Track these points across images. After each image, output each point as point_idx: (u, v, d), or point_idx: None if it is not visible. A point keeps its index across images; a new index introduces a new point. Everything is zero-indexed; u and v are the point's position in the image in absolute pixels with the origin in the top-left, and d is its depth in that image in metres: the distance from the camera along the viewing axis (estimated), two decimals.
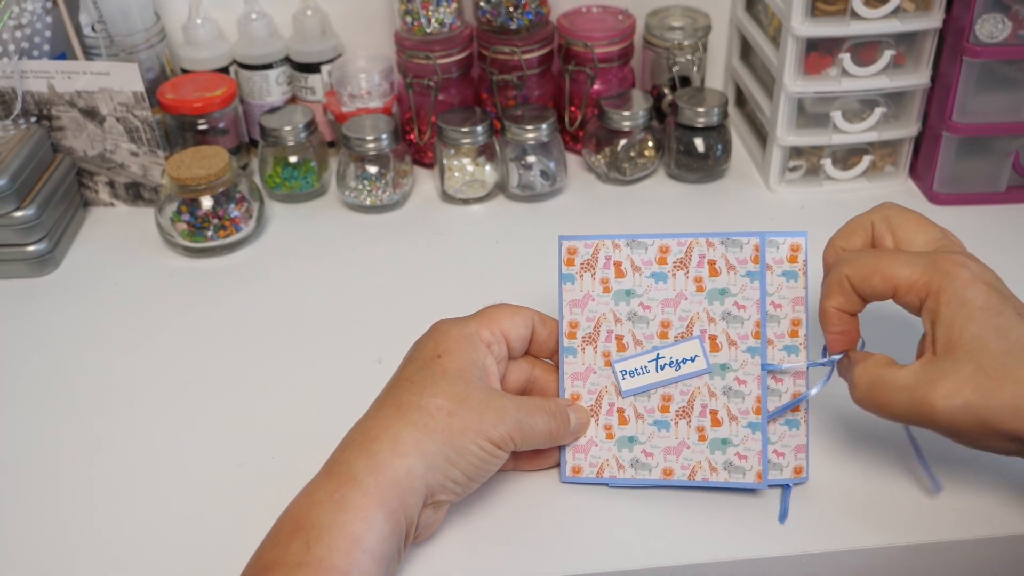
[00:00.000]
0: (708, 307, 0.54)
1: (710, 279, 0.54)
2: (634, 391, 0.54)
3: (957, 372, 0.45)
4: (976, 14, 0.73)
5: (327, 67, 0.89)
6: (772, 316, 0.54)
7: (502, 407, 0.50)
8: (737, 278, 0.54)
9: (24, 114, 0.81)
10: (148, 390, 0.65)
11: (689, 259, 0.54)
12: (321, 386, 0.65)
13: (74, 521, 0.55)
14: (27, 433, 0.62)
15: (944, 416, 0.45)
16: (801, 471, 0.54)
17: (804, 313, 0.54)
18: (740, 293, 0.54)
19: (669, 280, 0.54)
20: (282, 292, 0.75)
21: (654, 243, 0.54)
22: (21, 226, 0.75)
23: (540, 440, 0.52)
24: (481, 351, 0.53)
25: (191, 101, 0.83)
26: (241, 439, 0.61)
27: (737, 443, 0.54)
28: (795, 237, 0.54)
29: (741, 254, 0.54)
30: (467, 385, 0.50)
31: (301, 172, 0.85)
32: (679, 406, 0.54)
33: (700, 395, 0.54)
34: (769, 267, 0.54)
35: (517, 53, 0.85)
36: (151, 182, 0.85)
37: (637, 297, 0.54)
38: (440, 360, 0.51)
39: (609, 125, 0.84)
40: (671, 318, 0.54)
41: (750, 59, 0.92)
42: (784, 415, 0.54)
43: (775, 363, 0.54)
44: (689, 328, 0.54)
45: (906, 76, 0.79)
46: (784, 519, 0.53)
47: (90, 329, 0.72)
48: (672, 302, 0.54)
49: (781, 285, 0.54)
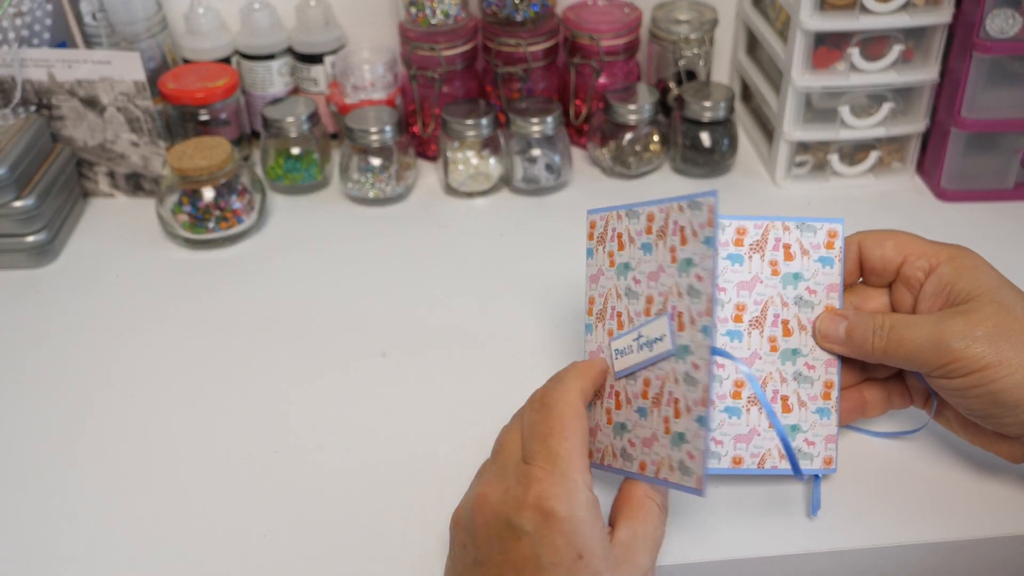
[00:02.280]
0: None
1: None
2: (625, 372, 0.51)
3: (981, 310, 0.48)
4: (986, 9, 0.72)
5: (330, 58, 0.88)
6: (807, 302, 0.53)
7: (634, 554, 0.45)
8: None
9: (24, 103, 0.80)
10: (149, 382, 0.65)
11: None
12: (324, 379, 0.64)
13: (75, 513, 0.55)
14: (27, 425, 0.61)
15: (960, 348, 0.47)
16: (831, 462, 0.53)
17: (838, 300, 0.53)
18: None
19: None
20: (284, 285, 0.74)
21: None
22: (20, 216, 0.75)
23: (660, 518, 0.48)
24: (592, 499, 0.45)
25: (193, 91, 0.83)
26: (243, 432, 0.60)
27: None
28: (832, 223, 0.54)
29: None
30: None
31: (303, 164, 0.84)
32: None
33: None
34: (806, 252, 0.53)
35: (522, 45, 0.84)
36: (152, 173, 0.84)
37: (631, 271, 0.52)
38: (583, 561, 0.42)
39: (614, 119, 0.84)
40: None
41: (757, 53, 0.91)
42: (817, 403, 0.53)
43: (808, 350, 0.53)
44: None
45: (915, 71, 0.78)
46: (817, 511, 0.52)
47: (90, 321, 0.71)
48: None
49: (817, 271, 0.53)
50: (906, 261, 0.52)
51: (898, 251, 0.52)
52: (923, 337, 0.48)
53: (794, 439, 0.53)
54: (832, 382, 0.53)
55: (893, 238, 0.53)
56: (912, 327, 0.49)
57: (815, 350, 0.53)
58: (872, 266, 0.53)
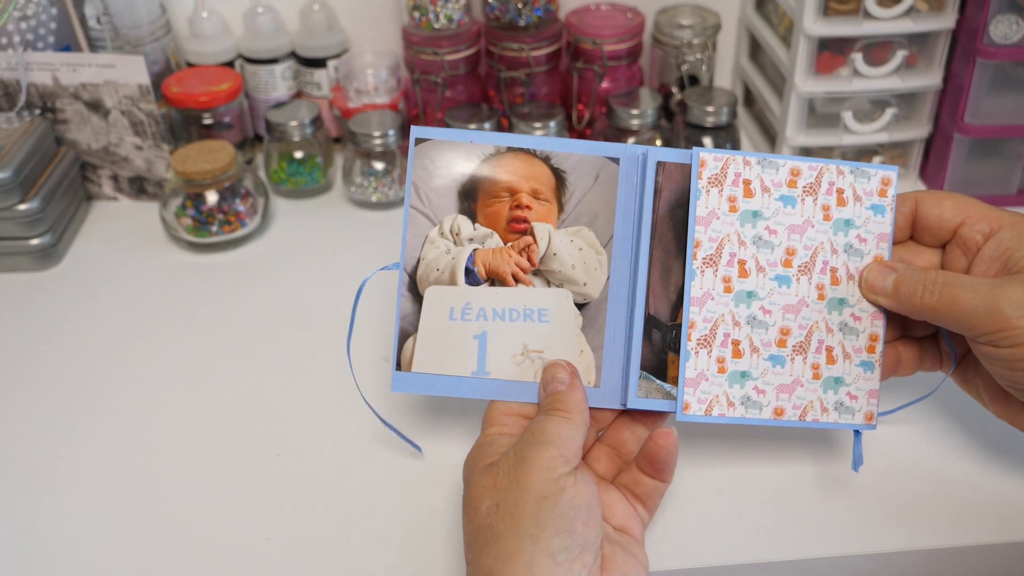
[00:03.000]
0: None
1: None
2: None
3: None
4: (990, 15, 0.73)
5: (333, 62, 0.88)
6: (856, 250, 0.52)
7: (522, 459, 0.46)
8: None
9: (28, 106, 0.80)
10: (152, 385, 0.65)
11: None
12: (327, 382, 0.64)
13: (77, 517, 0.55)
14: (30, 427, 0.61)
15: (1015, 317, 0.45)
16: (872, 418, 0.52)
17: (887, 251, 0.52)
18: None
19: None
20: (287, 288, 0.74)
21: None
22: (24, 219, 0.75)
23: (574, 413, 0.48)
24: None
25: (196, 95, 0.83)
26: (246, 436, 0.60)
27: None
28: (887, 170, 0.53)
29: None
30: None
31: (306, 168, 0.84)
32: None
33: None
34: (859, 199, 0.53)
35: (525, 50, 0.85)
36: (155, 176, 0.84)
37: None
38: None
39: (617, 123, 0.84)
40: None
41: (759, 58, 0.91)
42: (861, 355, 0.52)
43: (855, 301, 0.52)
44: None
45: (918, 77, 0.78)
46: (859, 466, 0.52)
47: (93, 324, 0.71)
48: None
49: (868, 219, 0.53)
50: (965, 223, 0.51)
51: (957, 212, 0.51)
52: (977, 300, 0.46)
53: (837, 392, 0.52)
54: (877, 335, 0.52)
55: (952, 198, 0.52)
56: (966, 288, 0.47)
57: (862, 301, 0.52)
58: (928, 224, 0.52)
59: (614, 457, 0.52)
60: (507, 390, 0.51)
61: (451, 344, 0.52)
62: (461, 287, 0.53)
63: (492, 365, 0.52)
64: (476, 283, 0.53)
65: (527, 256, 0.54)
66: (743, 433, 0.59)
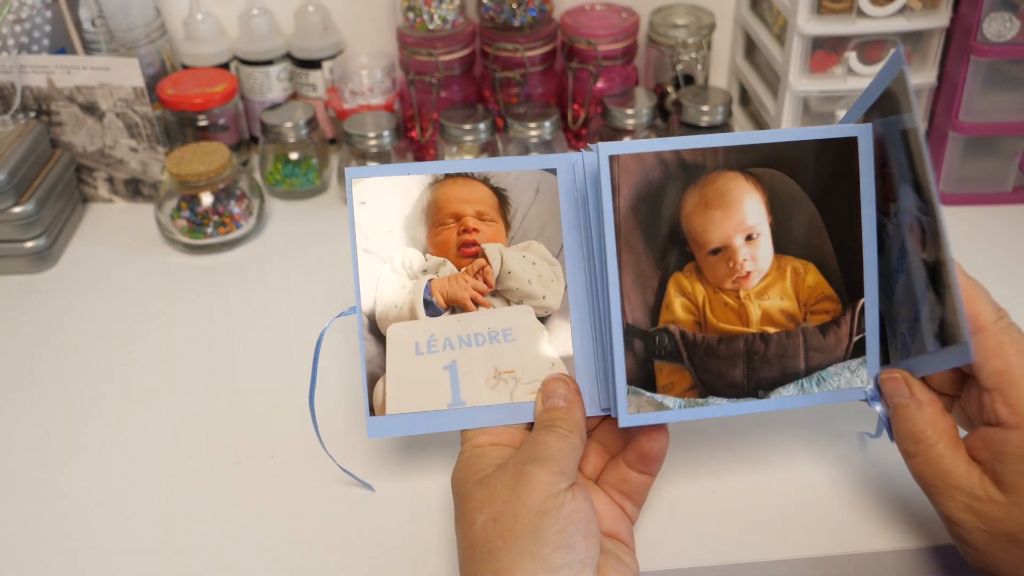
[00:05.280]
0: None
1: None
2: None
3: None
4: (983, 13, 0.72)
5: (328, 63, 0.88)
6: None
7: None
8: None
9: (23, 109, 0.80)
10: (146, 388, 0.65)
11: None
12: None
13: (71, 518, 0.55)
14: (24, 430, 0.62)
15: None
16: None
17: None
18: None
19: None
20: (282, 289, 0.74)
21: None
22: (19, 222, 0.75)
23: (570, 430, 0.48)
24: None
25: (191, 97, 0.83)
26: (240, 438, 0.60)
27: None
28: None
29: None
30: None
31: (302, 169, 0.84)
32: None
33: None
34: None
35: (520, 50, 0.85)
36: (151, 178, 0.84)
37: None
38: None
39: (612, 123, 0.84)
40: None
41: (754, 57, 0.91)
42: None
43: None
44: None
45: (913, 75, 0.78)
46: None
47: (88, 326, 0.71)
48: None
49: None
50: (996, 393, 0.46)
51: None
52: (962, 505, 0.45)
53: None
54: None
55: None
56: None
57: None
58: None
59: (601, 452, 0.51)
60: (486, 416, 0.51)
61: (422, 379, 0.51)
62: (423, 320, 0.52)
63: (467, 393, 0.51)
64: (437, 313, 0.52)
65: (483, 278, 0.53)
66: (734, 431, 0.59)
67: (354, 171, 0.53)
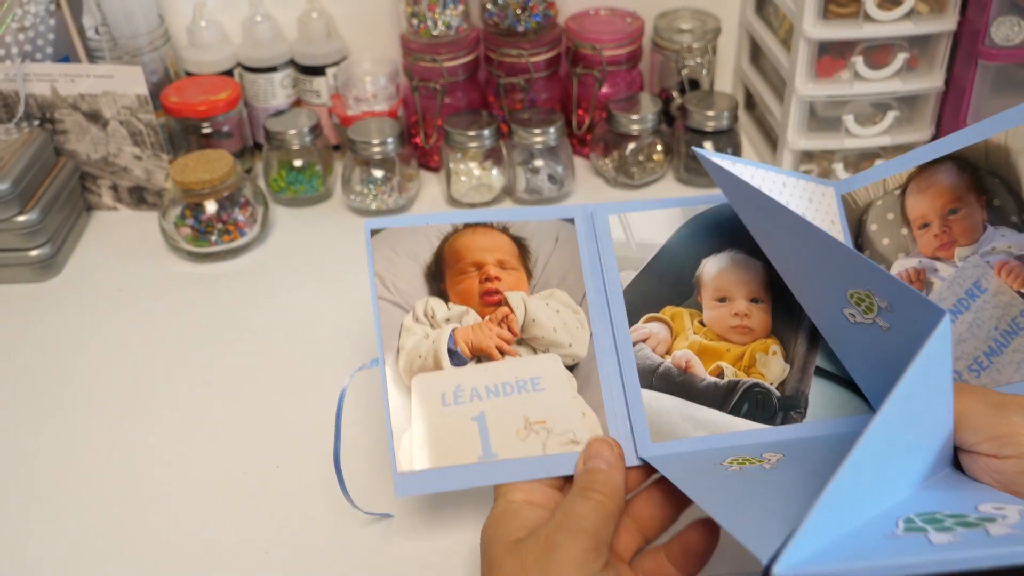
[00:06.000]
0: None
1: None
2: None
3: None
4: (991, 16, 0.72)
5: (332, 70, 0.88)
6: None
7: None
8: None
9: (27, 117, 0.80)
10: (151, 397, 0.65)
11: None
12: (327, 393, 0.64)
13: (75, 527, 0.55)
14: (28, 438, 0.61)
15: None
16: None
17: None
18: None
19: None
20: (287, 297, 0.74)
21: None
22: (24, 231, 0.75)
23: (606, 495, 0.45)
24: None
25: (195, 104, 0.83)
26: (246, 447, 0.60)
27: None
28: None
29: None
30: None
31: (306, 176, 0.84)
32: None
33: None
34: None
35: (524, 56, 0.84)
36: (155, 186, 0.84)
37: None
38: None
39: (617, 129, 0.84)
40: None
41: (760, 62, 0.91)
42: None
43: None
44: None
45: (919, 79, 0.78)
46: None
47: (93, 334, 0.71)
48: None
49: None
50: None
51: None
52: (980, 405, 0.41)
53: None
54: None
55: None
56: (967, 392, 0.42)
57: None
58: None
59: (634, 531, 0.47)
60: (520, 470, 0.47)
61: (450, 432, 0.48)
62: (448, 370, 0.50)
63: (498, 446, 0.48)
64: (462, 363, 0.50)
65: (507, 327, 0.51)
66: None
67: (372, 222, 0.53)
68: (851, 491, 0.35)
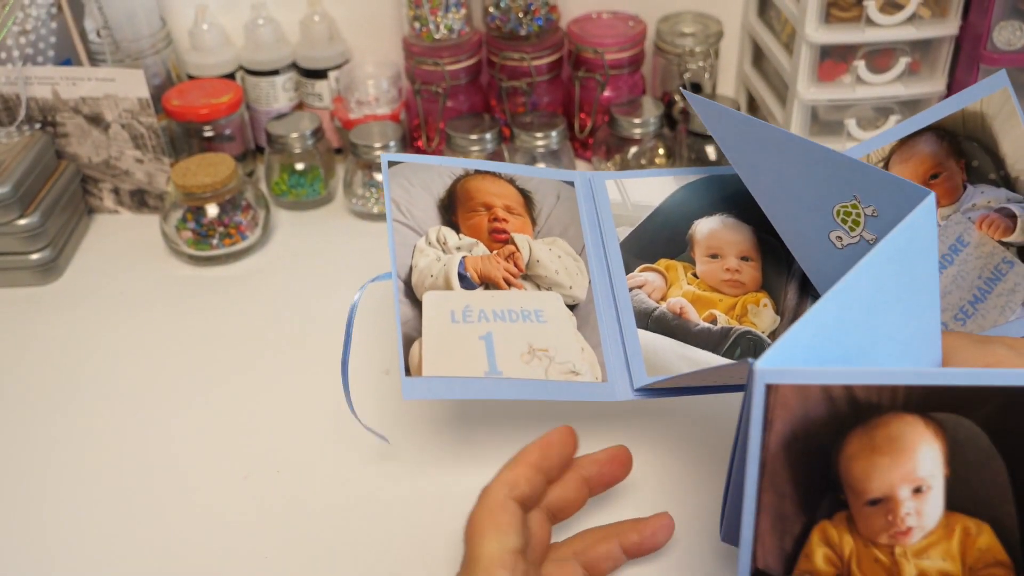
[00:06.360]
0: None
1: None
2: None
3: None
4: (993, 21, 0.72)
5: (334, 73, 0.88)
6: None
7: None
8: None
9: (28, 121, 0.80)
10: (152, 400, 0.64)
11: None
12: (328, 397, 0.63)
13: (76, 531, 0.55)
14: (30, 442, 0.61)
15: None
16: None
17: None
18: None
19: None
20: (289, 301, 0.74)
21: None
22: (25, 234, 0.75)
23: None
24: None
25: (197, 107, 0.83)
26: (247, 451, 0.60)
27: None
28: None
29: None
30: None
31: (308, 179, 0.84)
32: None
33: None
34: None
35: (526, 59, 0.84)
36: (156, 189, 0.84)
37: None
38: None
39: (619, 132, 0.83)
40: None
41: (762, 66, 0.91)
42: None
43: None
44: None
45: (921, 84, 0.78)
46: None
47: (94, 338, 0.71)
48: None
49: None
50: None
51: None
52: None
53: None
54: None
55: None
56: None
57: None
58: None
59: (546, 523, 0.48)
60: (522, 389, 0.51)
61: (459, 346, 0.51)
62: (458, 291, 0.53)
63: (503, 364, 0.51)
64: (471, 287, 0.54)
65: (513, 263, 0.55)
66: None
67: (389, 156, 0.57)
68: (836, 317, 0.39)
